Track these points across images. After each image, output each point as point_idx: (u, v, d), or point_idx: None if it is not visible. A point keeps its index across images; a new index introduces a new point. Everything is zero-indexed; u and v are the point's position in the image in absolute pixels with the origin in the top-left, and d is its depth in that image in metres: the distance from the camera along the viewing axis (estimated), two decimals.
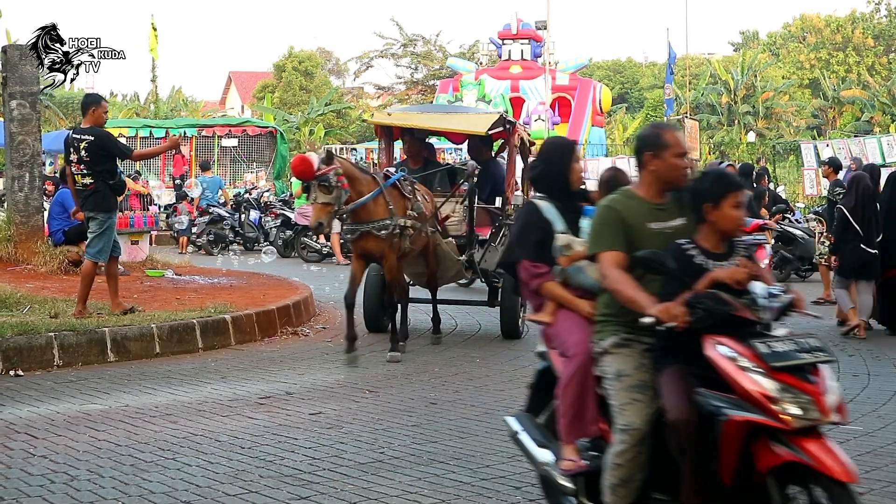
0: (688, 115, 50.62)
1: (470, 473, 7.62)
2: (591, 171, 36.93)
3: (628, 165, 37.92)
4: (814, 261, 19.91)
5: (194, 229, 29.07)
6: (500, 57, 56.22)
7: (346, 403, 10.06)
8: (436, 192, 14.23)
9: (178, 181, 35.83)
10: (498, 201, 14.39)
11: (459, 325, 15.34)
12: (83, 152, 12.99)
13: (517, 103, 51.41)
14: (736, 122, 66.55)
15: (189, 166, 38.14)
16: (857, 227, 14.58)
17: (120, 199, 14.87)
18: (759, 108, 67.66)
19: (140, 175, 31.81)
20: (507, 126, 14.73)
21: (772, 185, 31.90)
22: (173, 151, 36.26)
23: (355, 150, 49.85)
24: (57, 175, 24.57)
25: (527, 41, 54.56)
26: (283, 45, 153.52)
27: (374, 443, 8.49)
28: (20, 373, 11.42)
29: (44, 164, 18.52)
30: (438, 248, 13.53)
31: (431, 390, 10.76)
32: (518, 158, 15.06)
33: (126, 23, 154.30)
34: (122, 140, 31.51)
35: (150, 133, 38.48)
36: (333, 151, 12.06)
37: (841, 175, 18.68)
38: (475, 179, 13.70)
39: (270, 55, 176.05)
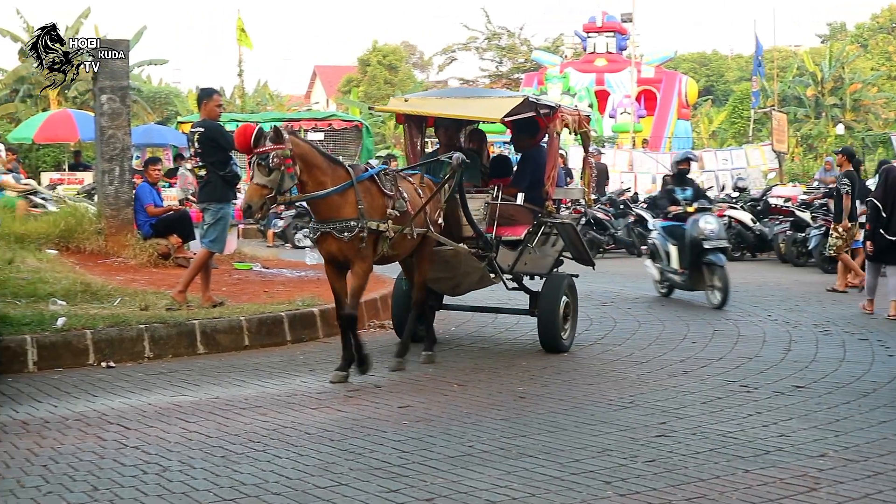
0: (775, 107, 50.08)
1: (559, 468, 7.57)
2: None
3: (714, 158, 37.70)
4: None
5: (280, 223, 29.20)
6: (584, 50, 56.05)
7: (434, 396, 10.05)
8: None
9: None
10: (519, 197, 12.72)
11: None
12: (197, 144, 13.32)
13: (602, 96, 51.20)
14: (824, 114, 65.73)
15: None
16: (886, 216, 15.60)
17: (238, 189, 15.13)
18: (846, 100, 66.78)
19: None
20: (544, 111, 12.69)
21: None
22: None
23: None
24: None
25: (612, 34, 54.35)
26: (367, 39, 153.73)
27: (462, 436, 8.46)
28: (112, 364, 11.55)
29: (132, 158, 18.64)
30: (444, 251, 12.05)
31: (520, 384, 10.71)
32: (559, 148, 13.29)
33: (214, 18, 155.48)
34: None
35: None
36: (292, 130, 10.65)
37: None
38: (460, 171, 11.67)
39: (355, 49, 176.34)
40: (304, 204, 12.09)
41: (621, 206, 27.86)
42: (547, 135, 12.93)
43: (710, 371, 11.38)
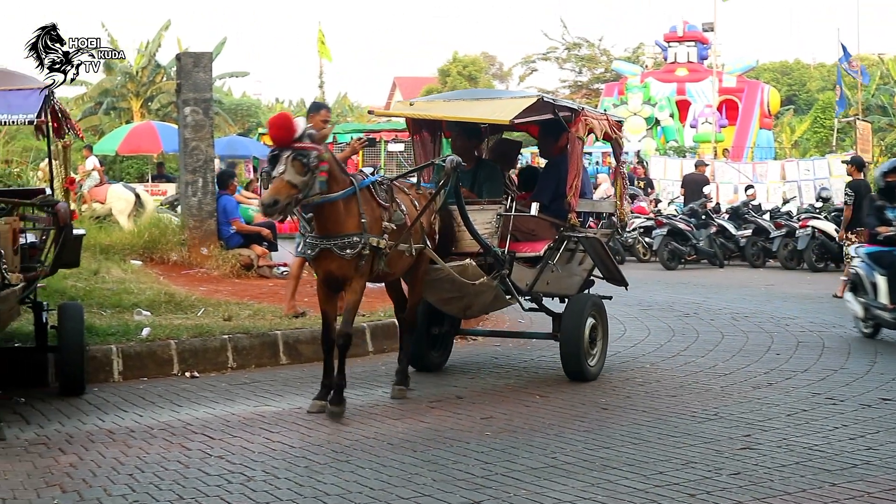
0: (859, 116, 49.53)
1: (643, 480, 7.52)
2: (760, 173, 36.42)
3: (797, 168, 37.34)
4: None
5: None
6: (665, 60, 55.73)
7: (516, 408, 10.02)
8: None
9: None
10: (533, 207, 11.43)
11: (628, 331, 15.16)
12: None
13: (683, 106, 50.88)
14: None
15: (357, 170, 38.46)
16: None
17: None
18: None
19: None
20: (564, 114, 11.43)
21: None
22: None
23: (521, 155, 48.53)
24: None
25: (693, 43, 53.97)
26: (447, 49, 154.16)
27: (545, 447, 8.43)
28: (196, 374, 11.66)
29: (215, 170, 18.83)
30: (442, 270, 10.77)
31: (602, 395, 10.67)
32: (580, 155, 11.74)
33: (295, 30, 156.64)
34: None
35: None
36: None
37: None
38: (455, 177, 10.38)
39: (435, 60, 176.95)
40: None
41: (703, 217, 27.68)
42: (568, 140, 11.63)
43: (795, 383, 11.26)
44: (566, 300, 12.09)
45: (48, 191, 10.94)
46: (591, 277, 12.51)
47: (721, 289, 20.87)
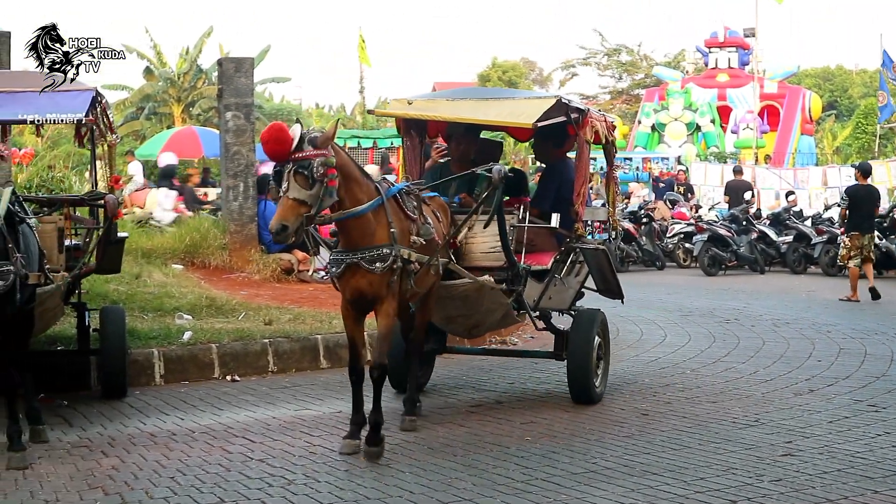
0: None
1: (684, 486, 7.50)
2: (801, 179, 36.27)
3: (839, 174, 37.16)
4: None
5: None
6: (706, 65, 55.56)
7: (556, 413, 10.01)
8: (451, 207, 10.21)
9: None
10: (554, 219, 10.44)
11: (668, 336, 15.12)
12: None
13: (724, 112, 50.73)
14: None
15: (396, 175, 38.53)
16: None
17: None
18: None
19: None
20: (574, 116, 10.36)
21: None
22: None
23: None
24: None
25: (734, 49, 53.78)
26: (486, 55, 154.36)
27: (586, 453, 8.42)
28: (237, 378, 11.71)
29: (256, 175, 18.89)
30: (464, 284, 9.72)
31: (643, 401, 10.64)
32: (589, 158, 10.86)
33: (336, 35, 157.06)
34: None
35: (358, 144, 38.82)
36: (327, 130, 8.21)
37: None
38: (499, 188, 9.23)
39: (474, 65, 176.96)
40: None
41: (744, 223, 27.56)
42: (577, 144, 10.66)
43: (837, 390, 11.20)
44: (572, 316, 11.11)
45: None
46: (582, 290, 11.40)
47: (762, 295, 20.78)
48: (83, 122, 10.11)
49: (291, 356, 12.29)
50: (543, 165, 10.72)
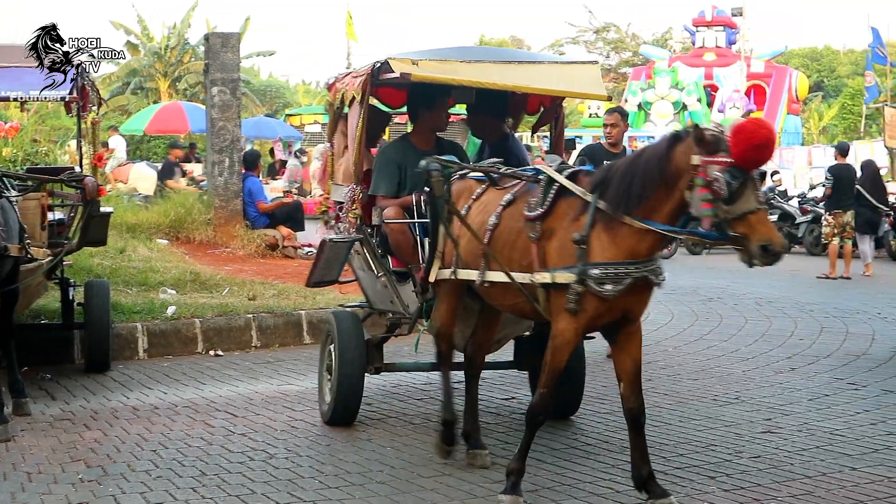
0: (887, 102, 49.29)
1: (663, 462, 7.54)
2: (787, 159, 36.32)
3: (824, 154, 37.21)
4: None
5: None
6: (693, 44, 55.54)
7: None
8: None
9: None
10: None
11: (651, 314, 15.13)
12: None
13: (711, 91, 50.76)
14: None
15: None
16: None
17: None
18: None
19: None
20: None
21: None
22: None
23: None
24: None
25: (721, 28, 53.72)
26: (474, 33, 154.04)
27: (566, 429, 8.49)
28: (220, 353, 11.75)
29: (242, 150, 18.89)
30: None
31: None
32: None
33: (320, 11, 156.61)
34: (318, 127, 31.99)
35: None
36: None
37: None
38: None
39: (462, 42, 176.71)
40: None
41: None
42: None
43: (818, 368, 11.25)
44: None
45: (77, 168, 11.01)
46: None
47: (745, 274, 20.62)
48: (66, 99, 10.12)
49: (275, 331, 12.31)
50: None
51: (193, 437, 8.17)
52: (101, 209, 10.34)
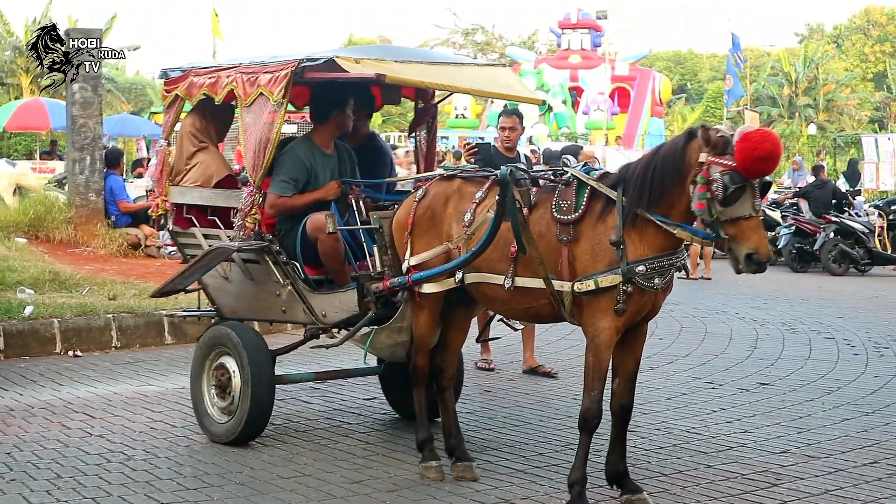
0: (748, 106, 50.30)
1: (523, 461, 7.61)
2: None
3: None
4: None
5: None
6: (559, 46, 56.11)
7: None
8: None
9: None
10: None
11: None
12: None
13: (576, 93, 51.32)
14: (797, 114, 66.04)
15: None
16: None
17: None
18: (820, 100, 67.12)
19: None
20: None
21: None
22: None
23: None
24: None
25: (586, 31, 54.41)
26: (342, 32, 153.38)
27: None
28: (79, 353, 11.56)
29: (105, 148, 18.60)
30: None
31: (486, 378, 10.74)
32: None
33: (186, 9, 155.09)
34: None
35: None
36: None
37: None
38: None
39: (330, 42, 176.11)
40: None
41: None
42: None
43: (676, 367, 11.44)
44: None
45: None
46: None
47: None
48: None
49: (136, 331, 12.16)
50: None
51: (49, 440, 8.03)
52: None
